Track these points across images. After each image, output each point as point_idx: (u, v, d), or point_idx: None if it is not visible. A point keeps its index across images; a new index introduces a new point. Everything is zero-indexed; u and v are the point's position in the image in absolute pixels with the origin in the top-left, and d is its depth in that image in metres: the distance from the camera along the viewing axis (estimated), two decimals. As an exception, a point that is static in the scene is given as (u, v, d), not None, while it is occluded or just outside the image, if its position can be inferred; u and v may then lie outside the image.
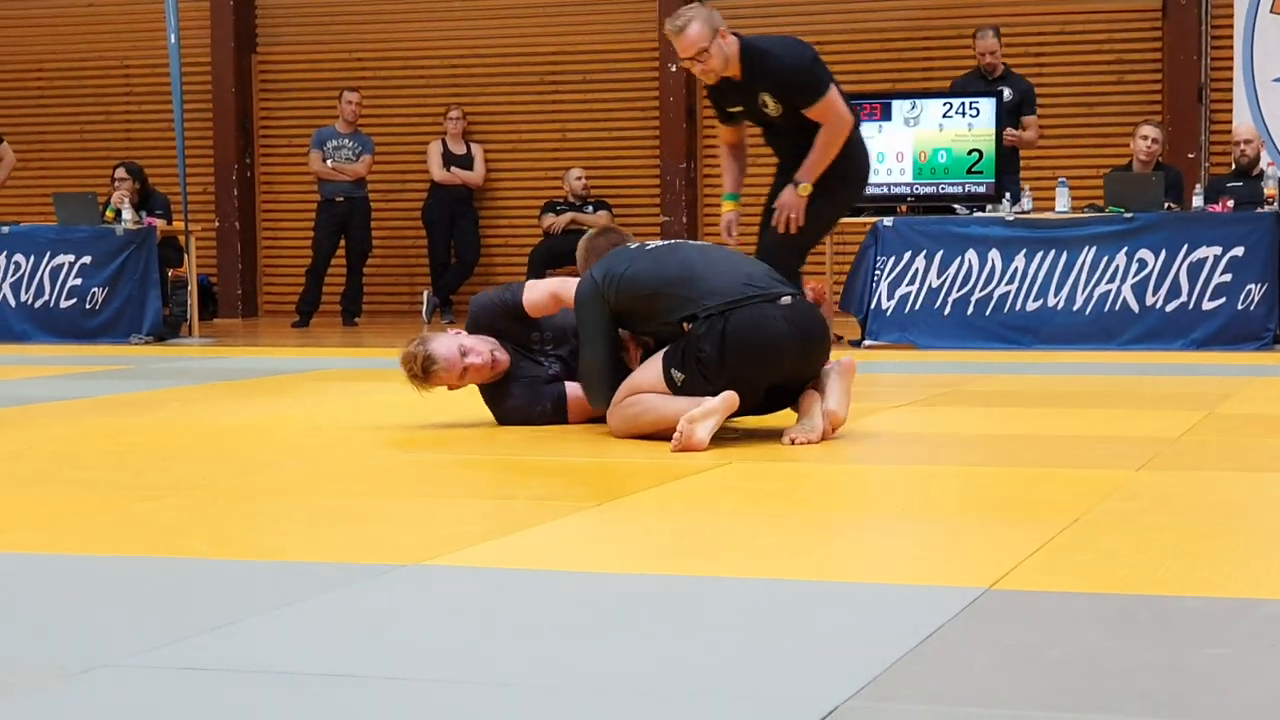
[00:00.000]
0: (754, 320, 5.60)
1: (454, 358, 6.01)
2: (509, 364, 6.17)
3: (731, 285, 5.67)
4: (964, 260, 11.01)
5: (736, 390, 5.55)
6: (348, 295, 14.66)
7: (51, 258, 12.54)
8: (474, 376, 6.12)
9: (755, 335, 5.58)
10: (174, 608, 3.21)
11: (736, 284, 5.68)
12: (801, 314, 5.72)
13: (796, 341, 5.65)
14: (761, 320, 5.61)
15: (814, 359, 5.76)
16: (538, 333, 6.25)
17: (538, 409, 6.16)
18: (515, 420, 6.18)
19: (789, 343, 5.63)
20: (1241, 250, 10.61)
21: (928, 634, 2.85)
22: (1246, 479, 4.82)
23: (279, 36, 16.18)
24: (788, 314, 5.66)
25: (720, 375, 5.57)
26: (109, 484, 4.94)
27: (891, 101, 11.65)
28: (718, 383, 5.56)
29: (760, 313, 5.62)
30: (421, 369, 6.01)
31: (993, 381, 8.24)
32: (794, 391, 5.75)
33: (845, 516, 4.40)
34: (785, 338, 5.62)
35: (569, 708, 2.47)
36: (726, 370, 5.57)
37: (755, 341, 5.58)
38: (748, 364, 5.58)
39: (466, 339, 6.11)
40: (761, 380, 5.66)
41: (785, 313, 5.65)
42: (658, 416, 5.63)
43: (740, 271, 5.78)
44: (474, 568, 3.56)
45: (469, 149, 15.18)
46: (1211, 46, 13.98)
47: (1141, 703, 2.46)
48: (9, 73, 16.46)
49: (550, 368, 6.23)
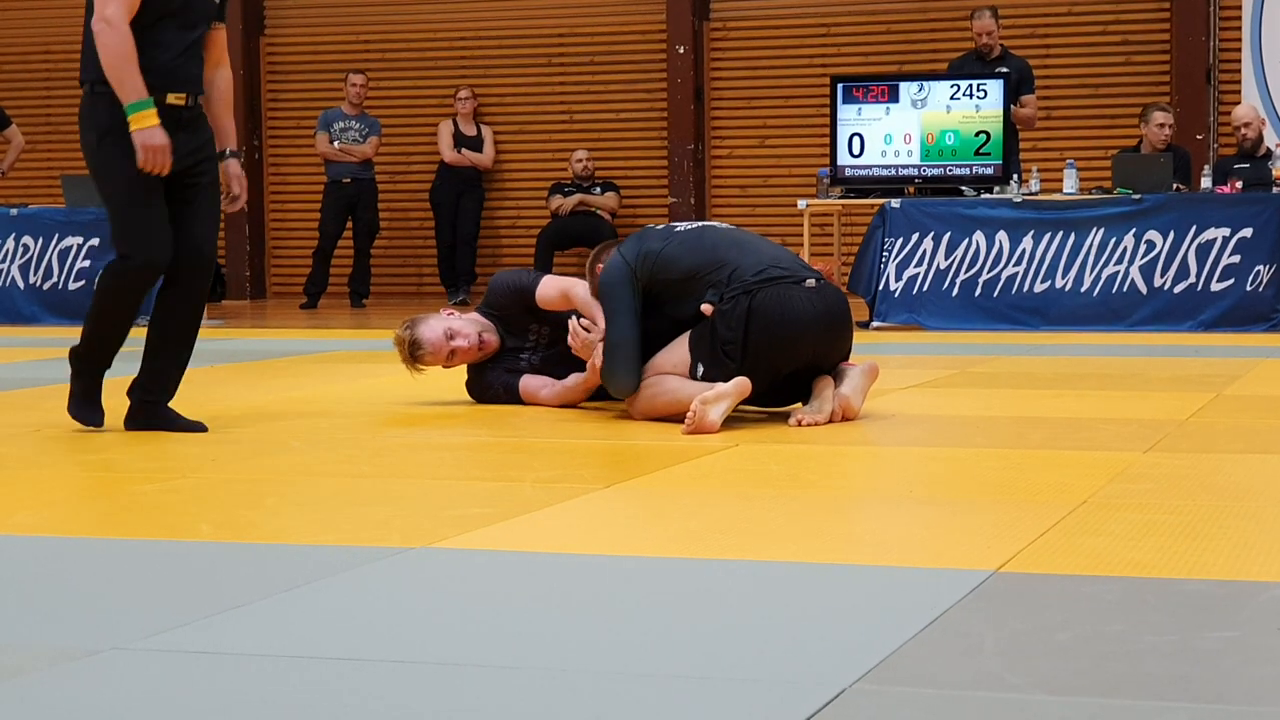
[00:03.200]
0: (778, 300, 5.61)
1: (439, 342, 6.16)
2: (498, 345, 6.29)
3: (758, 268, 5.68)
4: (972, 242, 11.00)
5: (755, 374, 5.55)
6: (355, 277, 14.66)
7: (60, 240, 12.53)
8: (462, 358, 6.27)
9: (779, 314, 5.58)
10: (181, 591, 3.21)
11: (763, 266, 5.69)
12: (827, 297, 5.73)
13: (820, 324, 5.65)
14: (786, 300, 5.61)
15: (836, 345, 5.76)
16: (537, 324, 6.31)
17: (496, 385, 6.32)
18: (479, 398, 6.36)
19: (812, 324, 5.63)
20: (1250, 231, 10.59)
21: (935, 617, 2.85)
22: (1255, 461, 4.81)
23: (287, 19, 16.17)
24: (812, 296, 5.67)
25: (742, 356, 5.57)
26: (116, 467, 4.94)
27: (899, 83, 11.62)
28: (738, 364, 5.56)
29: (785, 293, 5.63)
30: (409, 354, 6.19)
31: (1000, 363, 8.23)
32: (811, 381, 5.75)
33: (852, 499, 4.40)
34: (808, 319, 5.62)
35: (576, 690, 2.47)
36: (750, 350, 5.57)
37: (779, 320, 5.58)
38: (770, 344, 5.58)
39: (455, 321, 6.23)
40: (782, 362, 5.66)
41: (810, 294, 5.66)
42: (674, 398, 5.64)
43: (766, 255, 5.79)
44: (481, 550, 3.57)
45: (479, 130, 15.16)
46: (1220, 27, 13.95)
47: (1149, 685, 2.46)
48: (16, 55, 16.46)
49: (526, 362, 6.35)
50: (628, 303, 5.77)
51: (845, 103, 11.52)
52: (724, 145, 15.14)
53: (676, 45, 14.91)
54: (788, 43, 14.88)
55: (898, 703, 2.39)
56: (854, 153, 11.51)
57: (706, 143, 15.15)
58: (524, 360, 6.35)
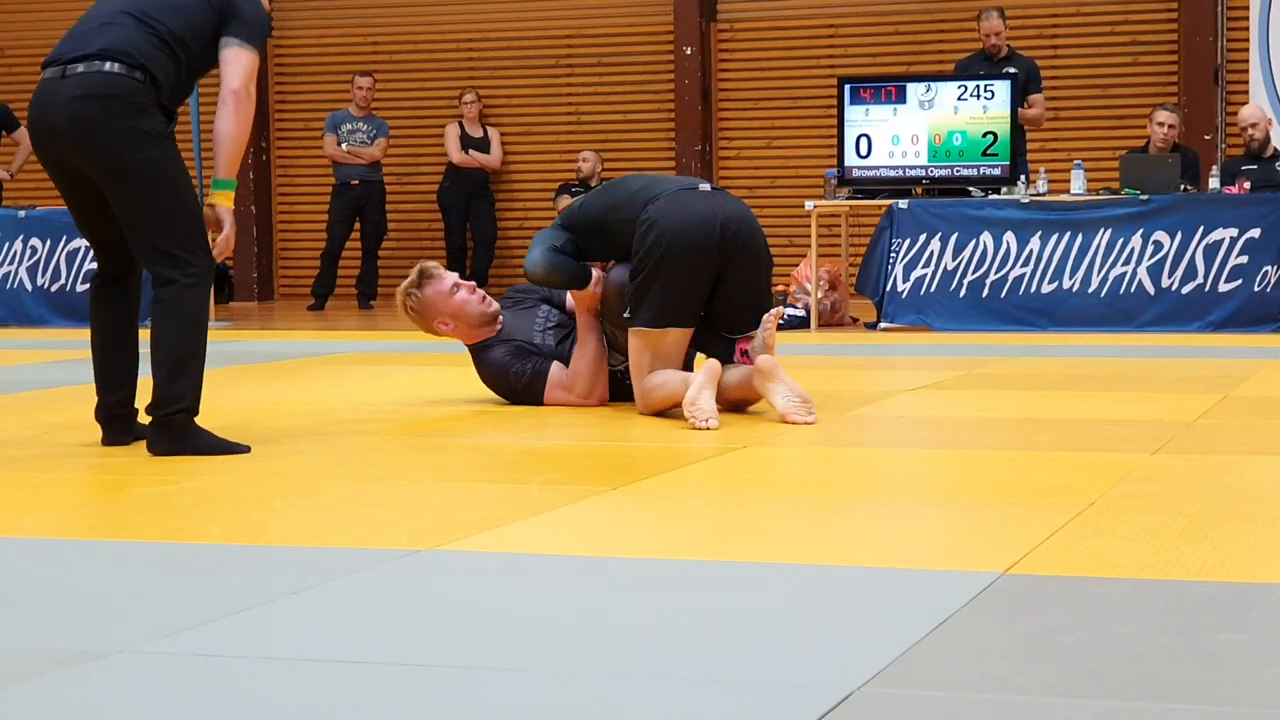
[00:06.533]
0: (676, 200, 5.89)
1: (447, 274, 6.38)
2: (498, 314, 6.35)
3: (666, 190, 5.96)
4: (979, 243, 11.00)
5: (678, 286, 5.80)
6: (363, 279, 14.67)
7: (68, 242, 12.54)
8: (461, 308, 6.29)
9: (679, 211, 5.85)
10: (189, 594, 3.21)
11: (671, 189, 5.97)
12: (723, 195, 6.07)
13: (720, 216, 5.88)
14: (680, 198, 5.91)
15: (738, 245, 5.89)
16: (548, 307, 6.39)
17: (514, 369, 6.26)
18: (489, 378, 6.33)
19: (713, 217, 5.86)
20: (1258, 232, 10.58)
21: (943, 619, 2.85)
22: (1263, 462, 4.80)
23: (295, 20, 16.18)
24: (708, 195, 5.98)
25: (661, 266, 5.79)
26: (124, 469, 4.94)
27: (906, 84, 11.62)
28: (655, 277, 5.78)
29: (680, 195, 5.93)
30: (418, 276, 6.37)
31: (1008, 364, 8.22)
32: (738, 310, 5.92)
33: (859, 500, 4.40)
34: (708, 211, 5.87)
35: (584, 693, 2.47)
36: (668, 256, 5.78)
37: (680, 217, 5.83)
38: (681, 245, 5.79)
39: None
40: (700, 265, 5.83)
41: (706, 195, 5.98)
42: (666, 391, 5.82)
43: (679, 181, 6.10)
44: (490, 553, 3.57)
45: (486, 132, 15.18)
46: (1228, 27, 13.93)
47: (1157, 688, 2.45)
48: (25, 57, 16.46)
49: (545, 341, 6.33)
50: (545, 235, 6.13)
51: (853, 104, 11.52)
52: (731, 146, 15.14)
53: (684, 46, 14.91)
54: (795, 44, 14.89)
55: (906, 705, 2.39)
56: (861, 154, 11.50)
57: (714, 144, 15.15)
58: (540, 337, 6.34)
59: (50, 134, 5.11)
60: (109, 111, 5.02)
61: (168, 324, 5.06)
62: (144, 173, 5.05)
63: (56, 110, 5.07)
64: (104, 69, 5.04)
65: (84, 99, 5.03)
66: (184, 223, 5.11)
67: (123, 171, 5.04)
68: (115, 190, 5.08)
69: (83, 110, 5.03)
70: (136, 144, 5.04)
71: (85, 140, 5.04)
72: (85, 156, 5.07)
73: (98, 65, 5.05)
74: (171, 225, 5.08)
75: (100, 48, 5.07)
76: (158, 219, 5.07)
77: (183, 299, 5.07)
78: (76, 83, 5.05)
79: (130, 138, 5.03)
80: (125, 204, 5.07)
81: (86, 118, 5.03)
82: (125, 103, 5.03)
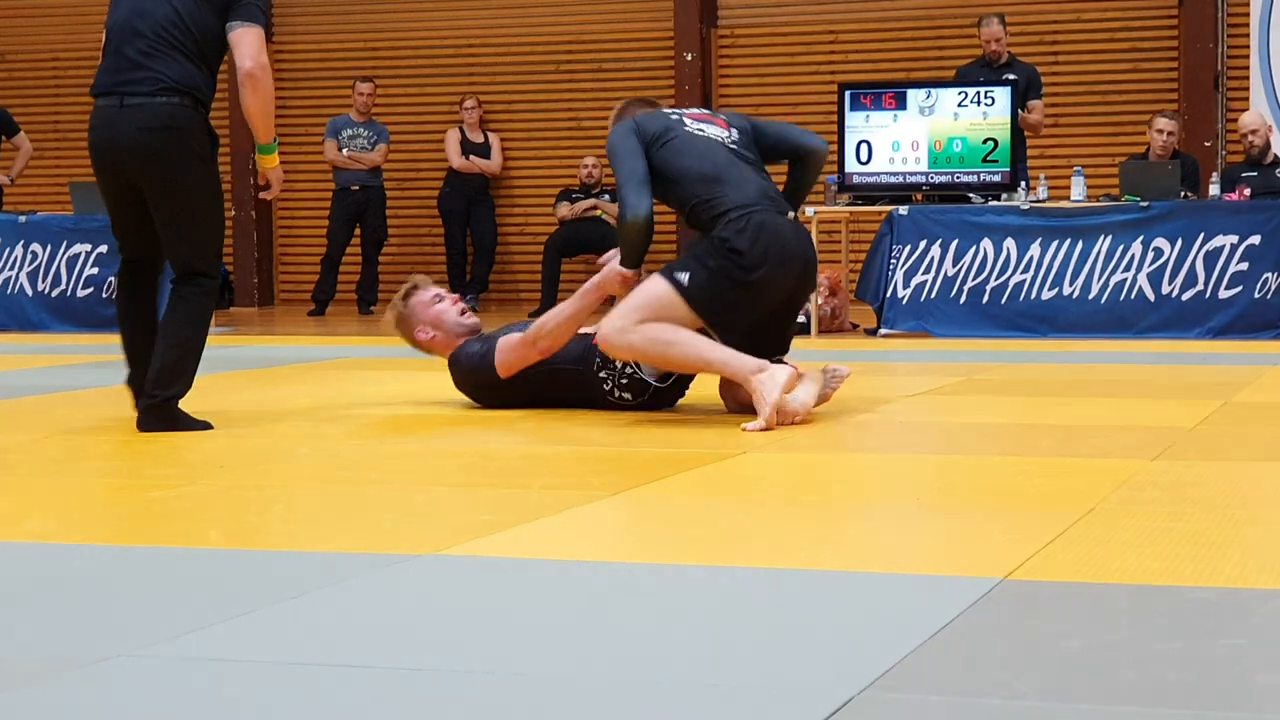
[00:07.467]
0: (774, 223, 5.91)
1: (433, 288, 6.56)
2: (478, 327, 6.46)
3: (753, 196, 5.95)
4: (979, 249, 10.99)
5: (750, 300, 5.82)
6: (363, 284, 14.68)
7: (68, 247, 12.54)
8: (439, 316, 6.43)
9: (775, 235, 5.88)
10: (189, 598, 3.21)
11: (758, 195, 5.96)
12: (803, 233, 6.11)
13: (800, 255, 5.96)
14: (778, 225, 5.92)
15: (807, 283, 6.10)
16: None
17: (467, 351, 6.31)
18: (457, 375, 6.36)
19: (797, 253, 5.94)
20: (1258, 239, 10.58)
21: (942, 625, 2.85)
22: (1263, 469, 4.81)
23: (295, 26, 16.18)
24: (793, 229, 6.03)
25: (751, 271, 5.80)
26: (124, 473, 4.95)
27: (906, 90, 11.62)
28: (744, 279, 5.79)
29: (775, 219, 5.94)
30: (403, 294, 6.56)
31: (1008, 370, 8.23)
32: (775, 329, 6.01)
33: (859, 506, 4.40)
34: (794, 246, 5.94)
35: (583, 699, 2.47)
36: (763, 263, 5.80)
37: (777, 239, 5.87)
38: (773, 261, 5.83)
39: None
40: (772, 301, 5.91)
41: (792, 227, 6.02)
42: (698, 358, 5.80)
43: (758, 185, 6.03)
44: (490, 557, 3.56)
45: (486, 138, 15.18)
46: (1228, 34, 13.94)
47: (1157, 694, 2.46)
48: (25, 62, 16.48)
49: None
50: (633, 146, 6.00)
51: (853, 110, 11.53)
52: (731, 152, 15.11)
53: (684, 52, 14.92)
54: (795, 50, 14.89)
55: (905, 711, 2.39)
56: (861, 160, 11.50)
57: (714, 150, 15.13)
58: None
59: (114, 157, 5.77)
60: (167, 140, 5.70)
61: (185, 319, 5.75)
62: (191, 192, 5.75)
63: (121, 140, 5.72)
64: (158, 102, 5.70)
65: (145, 131, 5.69)
66: (215, 241, 5.87)
67: (173, 191, 5.74)
68: (160, 204, 5.74)
69: (145, 141, 5.70)
70: (188, 167, 5.74)
71: (148, 167, 5.71)
72: (143, 178, 5.73)
73: (154, 99, 5.70)
74: (204, 242, 5.81)
75: (155, 82, 5.70)
76: (194, 233, 5.77)
77: (201, 300, 5.78)
78: (136, 115, 5.70)
79: (184, 162, 5.73)
80: (168, 217, 5.76)
81: (149, 148, 5.70)
82: (181, 132, 5.71)
